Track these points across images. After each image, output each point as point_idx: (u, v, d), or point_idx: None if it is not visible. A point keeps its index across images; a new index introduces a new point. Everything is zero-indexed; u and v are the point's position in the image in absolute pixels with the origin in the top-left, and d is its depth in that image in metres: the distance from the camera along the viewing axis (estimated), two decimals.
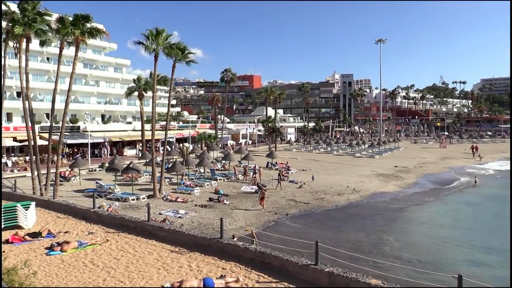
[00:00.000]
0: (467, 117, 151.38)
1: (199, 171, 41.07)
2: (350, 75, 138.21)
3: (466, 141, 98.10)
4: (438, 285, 11.56)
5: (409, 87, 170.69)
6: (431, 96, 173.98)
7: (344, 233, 23.37)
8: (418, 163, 56.24)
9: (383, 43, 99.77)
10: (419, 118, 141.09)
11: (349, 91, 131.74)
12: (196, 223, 22.72)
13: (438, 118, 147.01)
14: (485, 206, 32.53)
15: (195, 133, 66.72)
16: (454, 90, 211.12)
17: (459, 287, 9.76)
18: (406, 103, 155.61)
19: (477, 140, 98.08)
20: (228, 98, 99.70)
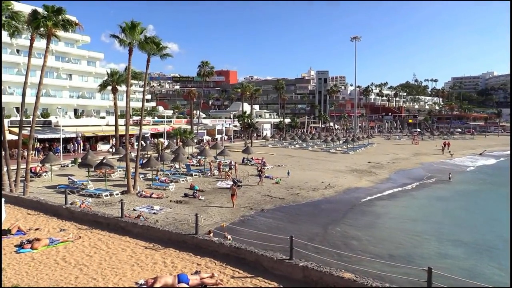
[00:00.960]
0: (438, 114, 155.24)
1: (174, 167, 40.75)
2: (326, 71, 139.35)
3: (437, 137, 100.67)
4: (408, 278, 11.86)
5: (383, 85, 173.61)
6: (404, 93, 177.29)
7: (318, 228, 23.62)
8: (391, 159, 57.32)
9: (358, 40, 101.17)
10: (392, 115, 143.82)
11: (324, 87, 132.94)
12: (171, 219, 22.58)
13: (410, 115, 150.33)
14: (454, 200, 33.47)
15: (170, 128, 66.07)
16: (426, 88, 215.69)
17: (428, 279, 10.05)
18: (380, 100, 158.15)
19: (447, 136, 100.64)
20: (204, 93, 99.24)
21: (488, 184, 42.07)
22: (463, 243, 21.71)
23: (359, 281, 10.64)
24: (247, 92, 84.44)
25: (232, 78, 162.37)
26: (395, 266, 16.01)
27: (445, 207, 31.07)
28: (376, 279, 10.98)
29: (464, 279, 14.50)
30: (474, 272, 17.51)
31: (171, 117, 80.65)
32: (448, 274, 13.13)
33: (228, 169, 39.05)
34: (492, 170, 52.98)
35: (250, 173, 40.13)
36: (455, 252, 20.35)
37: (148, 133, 63.17)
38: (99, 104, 66.34)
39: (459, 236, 22.91)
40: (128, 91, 32.19)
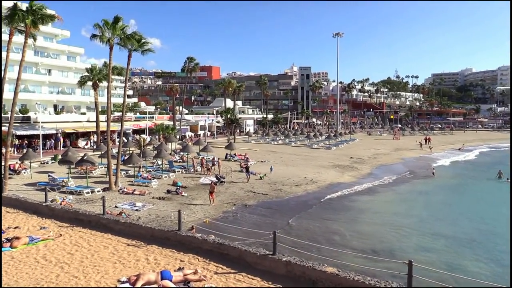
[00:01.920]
0: (419, 110, 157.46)
1: (156, 163, 40.48)
2: (308, 67, 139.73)
3: (417, 133, 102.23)
4: (390, 271, 12.07)
5: (365, 81, 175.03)
6: (385, 89, 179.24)
7: (301, 223, 23.80)
8: (373, 154, 57.98)
9: (340, 36, 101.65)
10: (373, 111, 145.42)
11: (307, 83, 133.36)
12: (154, 216, 22.44)
13: (391, 110, 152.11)
14: (434, 194, 34.08)
15: (152, 125, 65.55)
16: (407, 84, 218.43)
17: (409, 272, 10.23)
18: (362, 96, 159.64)
19: (428, 132, 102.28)
20: (186, 89, 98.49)
21: (467, 178, 42.92)
22: (443, 236, 22.13)
23: (342, 275, 10.78)
24: (230, 88, 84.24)
25: (215, 73, 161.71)
26: (377, 261, 16.28)
27: (426, 201, 31.64)
28: (358, 273, 11.14)
29: (444, 271, 14.86)
30: (454, 264, 17.89)
31: (153, 113, 79.94)
32: (428, 267, 13.43)
33: (211, 165, 38.97)
34: (471, 165, 54.08)
35: (233, 169, 40.13)
36: (435, 245, 20.73)
37: (130, 129, 62.51)
38: (80, 100, 65.31)
39: (439, 230, 23.35)
40: (109, 86, 31.83)
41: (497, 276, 16.76)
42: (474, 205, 31.03)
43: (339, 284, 10.72)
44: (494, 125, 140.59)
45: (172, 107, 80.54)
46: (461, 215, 27.53)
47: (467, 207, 30.33)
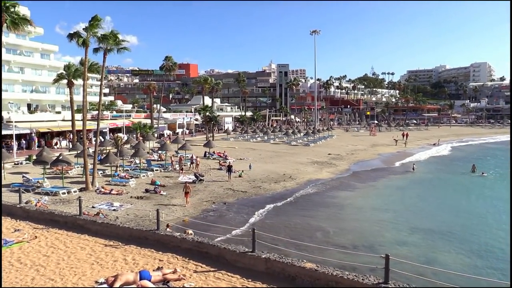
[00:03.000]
0: (395, 106, 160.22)
1: (134, 162, 40.02)
2: (286, 65, 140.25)
3: (394, 129, 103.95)
4: (369, 266, 12.26)
5: (342, 78, 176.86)
6: (362, 86, 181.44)
7: (281, 220, 23.93)
8: (350, 150, 58.68)
9: (318, 34, 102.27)
10: (351, 107, 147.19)
11: (285, 80, 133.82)
12: (132, 216, 22.21)
13: (368, 107, 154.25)
14: (411, 189, 34.76)
15: (129, 123, 64.64)
16: (383, 81, 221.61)
17: (386, 266, 10.40)
18: (339, 93, 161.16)
19: (403, 128, 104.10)
20: (164, 87, 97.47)
21: (443, 172, 43.89)
22: (420, 230, 22.60)
23: (320, 270, 10.87)
24: (208, 85, 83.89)
25: (193, 71, 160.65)
26: (357, 255, 16.57)
27: (403, 195, 32.26)
28: (337, 268, 11.26)
29: (420, 264, 15.19)
30: (430, 257, 18.30)
31: (131, 112, 78.92)
32: (404, 260, 13.71)
33: (190, 164, 38.76)
34: (446, 160, 55.35)
35: (212, 167, 40.01)
36: (412, 238, 21.17)
37: (106, 128, 61.53)
38: (54, 99, 63.89)
39: (417, 223, 23.85)
40: (85, 85, 31.28)
41: (473, 267, 17.22)
42: (450, 198, 31.79)
43: (317, 279, 10.82)
44: (467, 120, 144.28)
45: (150, 105, 79.58)
46: (437, 209, 28.17)
47: (443, 200, 31.03)
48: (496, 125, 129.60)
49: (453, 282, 12.60)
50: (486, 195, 32.99)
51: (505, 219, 25.27)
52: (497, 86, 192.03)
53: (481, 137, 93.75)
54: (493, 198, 31.67)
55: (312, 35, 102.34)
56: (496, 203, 29.87)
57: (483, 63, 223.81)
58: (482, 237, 21.66)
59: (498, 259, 18.41)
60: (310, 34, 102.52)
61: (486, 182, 38.27)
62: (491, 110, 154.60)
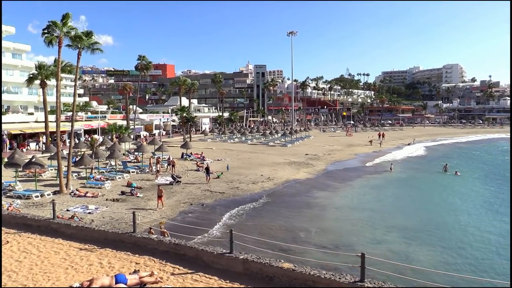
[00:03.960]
0: (370, 107, 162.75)
1: (110, 164, 39.43)
2: (263, 66, 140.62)
3: (369, 129, 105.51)
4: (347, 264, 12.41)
5: (319, 78, 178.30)
6: (338, 87, 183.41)
7: (258, 220, 23.97)
8: (327, 150, 59.24)
9: (294, 35, 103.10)
10: (327, 108, 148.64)
11: (262, 81, 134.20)
12: (108, 218, 21.87)
13: (344, 108, 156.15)
14: (387, 188, 35.34)
15: (105, 124, 63.64)
16: (358, 82, 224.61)
17: (362, 264, 10.55)
18: (316, 93, 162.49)
19: (379, 128, 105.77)
20: (140, 87, 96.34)
21: (417, 172, 44.75)
22: (397, 228, 22.99)
23: (298, 270, 10.95)
24: (185, 86, 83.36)
25: (170, 72, 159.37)
26: (337, 255, 16.78)
27: (380, 194, 32.74)
28: (314, 268, 11.36)
29: (396, 262, 15.48)
30: (406, 255, 18.65)
31: (106, 113, 77.65)
32: (380, 259, 13.94)
33: (167, 165, 38.43)
34: (420, 159, 56.50)
35: (189, 168, 39.77)
36: (387, 237, 21.51)
37: (81, 130, 60.45)
38: (27, 100, 62.39)
39: (394, 222, 24.25)
40: (58, 85, 30.69)
41: (448, 264, 17.61)
42: (424, 197, 32.46)
43: (295, 278, 10.89)
44: (440, 120, 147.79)
45: (126, 106, 78.57)
46: (412, 207, 28.74)
47: (418, 199, 31.66)
48: (467, 125, 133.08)
49: (430, 279, 12.91)
50: (459, 193, 33.82)
51: (476, 216, 26.03)
52: (468, 87, 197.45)
53: (453, 137, 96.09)
54: (466, 196, 32.52)
55: (289, 36, 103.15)
56: (469, 201, 30.70)
57: (455, 64, 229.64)
58: (457, 234, 22.22)
59: (473, 256, 18.90)
60: (287, 35, 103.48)
61: (459, 181, 39.23)
62: (462, 111, 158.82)
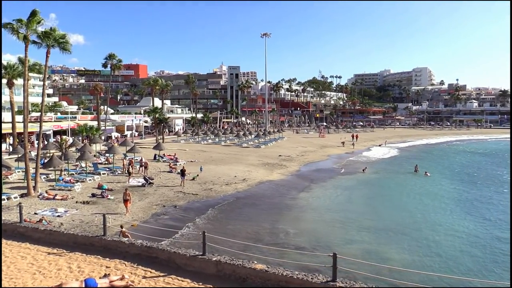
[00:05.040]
0: (343, 109, 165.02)
1: (80, 166, 38.58)
2: (237, 67, 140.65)
3: (342, 130, 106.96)
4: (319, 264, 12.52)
5: (292, 80, 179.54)
6: (311, 89, 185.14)
7: (232, 222, 23.93)
8: (300, 152, 59.73)
9: (268, 37, 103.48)
10: (300, 110, 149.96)
11: (236, 83, 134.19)
12: (78, 221, 21.38)
13: (317, 109, 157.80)
14: (358, 189, 35.85)
15: (75, 125, 62.24)
16: (331, 84, 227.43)
17: (334, 264, 10.69)
18: (289, 95, 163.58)
19: (351, 129, 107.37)
20: (112, 88, 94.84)
21: (388, 173, 45.60)
22: (370, 228, 23.34)
23: (271, 271, 11.01)
24: (157, 86, 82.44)
25: (142, 72, 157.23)
26: (312, 256, 16.95)
27: (352, 195, 33.13)
28: (286, 268, 11.44)
29: (366, 261, 15.74)
30: (378, 254, 18.97)
31: (76, 113, 75.96)
32: (351, 258, 14.16)
33: (139, 167, 37.91)
34: (391, 160, 57.60)
35: (162, 169, 39.35)
36: (362, 237, 21.80)
37: (50, 131, 58.94)
38: None
39: (366, 223, 24.58)
40: (26, 85, 29.79)
41: (418, 263, 17.99)
42: (396, 197, 33.08)
43: (268, 279, 10.95)
44: (410, 122, 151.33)
45: (97, 107, 76.96)
46: (384, 208, 29.23)
47: (390, 199, 32.22)
48: (436, 127, 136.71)
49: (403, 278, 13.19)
50: (429, 193, 34.65)
51: (446, 215, 26.74)
52: (437, 90, 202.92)
53: (423, 138, 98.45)
54: (436, 196, 33.37)
55: (263, 38, 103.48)
56: (438, 201, 31.52)
57: (424, 68, 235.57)
58: (428, 233, 22.76)
59: (444, 254, 19.39)
60: (261, 37, 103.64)
61: (429, 181, 40.22)
62: (431, 113, 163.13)
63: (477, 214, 27.37)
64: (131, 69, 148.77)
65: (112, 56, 72.13)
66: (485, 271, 17.33)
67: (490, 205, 30.41)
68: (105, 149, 48.14)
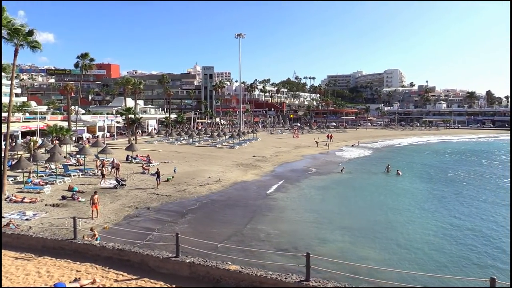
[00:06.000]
0: (316, 110, 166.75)
1: (50, 168, 37.61)
2: (211, 67, 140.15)
3: (315, 131, 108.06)
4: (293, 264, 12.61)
5: (266, 81, 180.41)
6: (285, 90, 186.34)
7: (205, 223, 23.82)
8: (275, 152, 59.99)
9: (242, 37, 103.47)
10: (275, 110, 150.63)
11: (210, 83, 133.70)
12: (47, 225, 20.85)
13: (291, 110, 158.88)
14: (333, 189, 36.26)
15: (44, 126, 60.70)
16: (305, 85, 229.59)
17: (307, 264, 10.79)
18: (263, 96, 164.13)
19: (324, 130, 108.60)
20: (83, 87, 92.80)
21: (361, 173, 46.26)
22: (344, 228, 23.63)
23: (245, 272, 11.03)
24: (130, 86, 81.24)
25: (114, 72, 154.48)
26: (289, 256, 17.05)
27: (326, 195, 33.47)
28: (260, 269, 11.48)
29: (339, 260, 15.97)
30: (352, 253, 19.26)
31: (46, 114, 74.06)
32: (324, 257, 14.34)
33: (111, 168, 37.28)
34: (363, 160, 58.53)
35: (135, 171, 38.80)
36: (336, 237, 22.03)
37: (18, 132, 57.28)
38: None
39: (340, 223, 24.90)
40: None
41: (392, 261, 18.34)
42: (369, 197, 33.61)
43: (242, 280, 10.97)
44: (381, 123, 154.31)
45: (67, 107, 75.25)
46: (358, 207, 29.69)
47: (363, 199, 32.70)
48: (406, 127, 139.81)
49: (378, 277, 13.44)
50: (401, 192, 35.44)
51: (418, 214, 27.38)
52: (407, 91, 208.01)
53: (394, 138, 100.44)
54: (408, 195, 34.16)
55: (237, 38, 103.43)
56: (410, 199, 32.29)
57: (395, 70, 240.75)
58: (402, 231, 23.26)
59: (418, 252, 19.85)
60: (235, 38, 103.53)
61: (401, 180, 41.11)
62: (402, 114, 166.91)
63: (447, 211, 28.25)
64: (103, 68, 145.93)
65: (85, 55, 70.55)
66: (455, 267, 17.86)
67: (459, 202, 31.48)
68: (76, 150, 47.17)
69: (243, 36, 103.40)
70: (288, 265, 13.86)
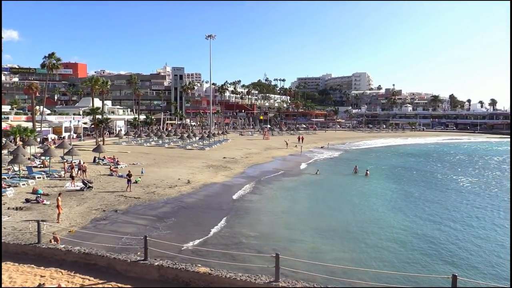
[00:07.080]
0: (286, 112, 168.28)
1: (13, 170, 36.36)
2: (182, 68, 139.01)
3: (285, 133, 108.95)
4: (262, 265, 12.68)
5: (237, 83, 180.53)
6: (256, 91, 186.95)
7: (174, 225, 23.61)
8: (245, 154, 60.05)
9: (213, 39, 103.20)
10: (245, 112, 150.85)
11: (180, 84, 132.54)
12: (10, 229, 20.14)
13: (261, 112, 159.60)
14: (303, 190, 36.63)
15: (7, 126, 58.65)
16: (275, 87, 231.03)
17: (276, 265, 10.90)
18: (234, 97, 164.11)
19: (294, 132, 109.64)
20: (48, 87, 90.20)
21: (331, 174, 46.92)
22: (313, 229, 23.91)
23: (214, 274, 11.04)
24: (97, 86, 79.54)
25: (81, 71, 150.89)
26: (263, 258, 17.09)
27: (296, 196, 33.78)
28: (230, 270, 11.49)
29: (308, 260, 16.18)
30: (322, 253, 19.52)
31: (9, 114, 71.62)
32: (292, 258, 14.52)
33: (77, 170, 36.39)
34: (333, 161, 59.45)
35: (102, 173, 38.03)
36: (305, 237, 22.28)
37: None
38: None
39: (311, 223, 25.19)
40: None
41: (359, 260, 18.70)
42: (339, 198, 34.18)
43: (211, 282, 10.96)
44: (350, 125, 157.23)
45: (31, 107, 72.96)
46: (328, 208, 30.12)
47: (333, 200, 33.22)
48: (374, 129, 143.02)
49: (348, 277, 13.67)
50: (370, 193, 36.20)
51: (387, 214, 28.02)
52: (374, 94, 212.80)
53: (362, 140, 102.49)
54: (377, 195, 34.94)
55: (208, 40, 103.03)
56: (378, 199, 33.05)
57: (363, 73, 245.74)
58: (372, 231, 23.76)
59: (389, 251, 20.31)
60: (206, 39, 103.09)
61: (369, 181, 41.99)
62: (370, 116, 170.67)
63: (411, 210, 29.12)
64: (69, 67, 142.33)
65: (51, 55, 68.66)
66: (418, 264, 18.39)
67: (425, 201, 32.61)
68: (41, 151, 45.73)
69: (214, 37, 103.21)
70: (258, 266, 13.92)
